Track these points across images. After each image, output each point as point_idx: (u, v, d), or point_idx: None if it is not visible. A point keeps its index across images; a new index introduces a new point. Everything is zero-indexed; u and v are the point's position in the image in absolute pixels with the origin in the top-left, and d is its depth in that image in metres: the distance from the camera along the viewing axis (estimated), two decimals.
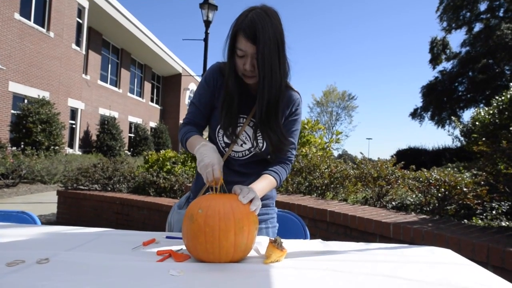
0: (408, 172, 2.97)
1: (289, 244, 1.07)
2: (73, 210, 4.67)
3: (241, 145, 1.26)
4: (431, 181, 2.53)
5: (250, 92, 1.24)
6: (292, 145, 1.31)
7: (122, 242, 1.12)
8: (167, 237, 1.19)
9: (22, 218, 1.56)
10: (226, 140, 1.25)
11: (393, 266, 0.94)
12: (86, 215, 4.57)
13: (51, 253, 0.95)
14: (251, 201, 0.97)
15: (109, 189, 4.87)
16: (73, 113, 14.55)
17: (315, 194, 3.67)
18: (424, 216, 2.26)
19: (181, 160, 5.56)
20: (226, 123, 1.18)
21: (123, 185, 4.88)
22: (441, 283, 0.82)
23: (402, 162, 3.18)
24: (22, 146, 9.32)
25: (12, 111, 10.70)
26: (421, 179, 2.63)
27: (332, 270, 0.89)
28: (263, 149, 1.25)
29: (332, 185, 3.57)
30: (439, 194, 2.53)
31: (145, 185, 4.67)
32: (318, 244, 1.19)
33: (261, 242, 1.10)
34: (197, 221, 0.90)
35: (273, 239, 0.99)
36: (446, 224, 1.99)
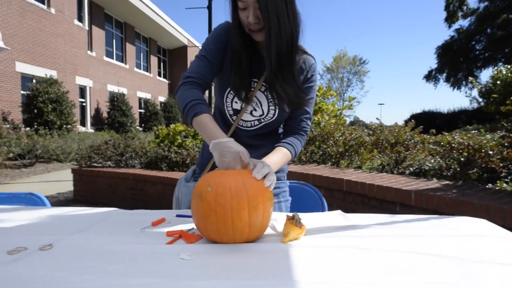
0: (428, 136, 2.82)
1: (306, 219, 0.99)
2: (88, 188, 4.72)
3: (251, 113, 1.15)
4: (453, 145, 2.39)
5: (261, 55, 1.12)
6: (307, 114, 1.20)
7: (131, 223, 1.06)
8: (178, 216, 1.12)
9: (30, 200, 1.52)
10: (235, 106, 1.14)
11: (424, 241, 0.85)
12: (102, 191, 4.62)
13: (55, 238, 0.90)
14: (265, 176, 0.88)
15: (122, 165, 4.88)
16: (82, 91, 14.55)
17: (329, 163, 3.57)
18: (447, 182, 2.15)
19: (192, 134, 5.50)
20: (237, 83, 1.07)
21: (136, 161, 4.88)
22: (483, 260, 0.72)
23: (421, 127, 3.03)
24: (35, 126, 9.42)
25: (22, 92, 10.73)
26: (442, 143, 2.49)
27: (357, 247, 0.81)
28: (275, 117, 1.15)
29: (347, 153, 3.46)
30: (462, 159, 2.40)
31: (157, 160, 4.65)
32: (338, 217, 1.10)
33: (277, 219, 1.02)
34: (207, 199, 0.82)
35: (291, 215, 0.91)
36: (472, 190, 1.88)
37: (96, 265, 0.73)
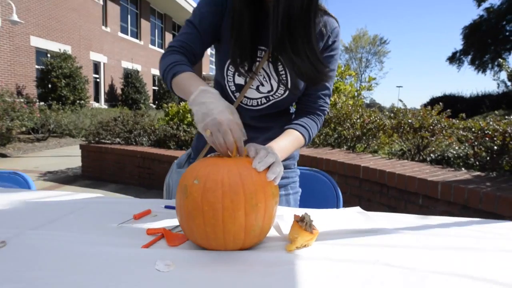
0: (458, 121, 2.55)
1: (318, 218, 0.80)
2: (96, 164, 4.66)
3: (257, 89, 0.95)
4: (487, 131, 2.13)
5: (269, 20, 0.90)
6: (326, 90, 1.00)
7: (111, 213, 0.90)
8: (166, 207, 0.96)
9: (14, 180, 1.39)
10: (238, 81, 0.94)
11: (475, 257, 0.65)
12: (109, 168, 4.55)
13: (13, 232, 0.75)
14: (268, 167, 0.69)
15: (131, 142, 4.78)
16: (96, 67, 14.49)
17: (344, 147, 3.35)
18: (478, 173, 1.92)
19: None
20: (237, 53, 0.86)
21: (144, 139, 4.76)
22: None
23: (448, 110, 2.75)
24: (49, 101, 9.43)
25: (37, 66, 10.72)
26: (473, 129, 2.24)
27: (385, 264, 0.62)
28: (286, 94, 0.94)
29: (365, 137, 3.22)
30: (495, 147, 2.14)
31: (165, 138, 4.52)
32: (357, 216, 0.91)
33: (283, 216, 0.84)
34: (192, 195, 0.64)
35: (300, 216, 0.72)
36: (509, 184, 1.65)
37: (43, 275, 0.57)
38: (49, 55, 11.06)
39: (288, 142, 0.92)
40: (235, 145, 0.70)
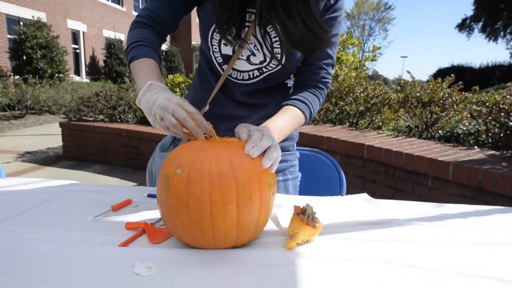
0: (471, 94, 2.48)
1: (319, 206, 0.75)
2: (79, 143, 4.57)
3: (248, 59, 0.87)
4: (502, 105, 2.07)
5: None
6: (329, 59, 0.92)
7: (86, 204, 0.85)
8: (149, 196, 0.90)
9: None
10: (225, 51, 0.86)
11: (504, 255, 0.61)
12: (93, 148, 4.46)
13: None
14: (264, 152, 0.63)
15: (116, 120, 4.67)
16: (75, 36, 14.04)
17: (347, 123, 3.29)
18: (492, 152, 1.88)
19: (192, 81, 5.20)
20: (223, 16, 0.77)
21: (129, 116, 4.65)
22: None
23: (460, 82, 2.68)
24: (24, 75, 9.16)
25: (8, 36, 10.34)
26: (488, 103, 2.18)
27: (399, 263, 0.57)
28: (281, 64, 0.86)
29: (369, 113, 3.16)
30: (510, 122, 2.10)
31: None
32: (364, 205, 0.86)
33: (282, 205, 0.79)
34: (175, 187, 0.58)
35: (301, 208, 0.67)
36: None
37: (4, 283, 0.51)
38: (21, 23, 10.64)
39: (287, 120, 0.85)
40: (195, 123, 0.66)
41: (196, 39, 23.12)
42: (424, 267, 0.56)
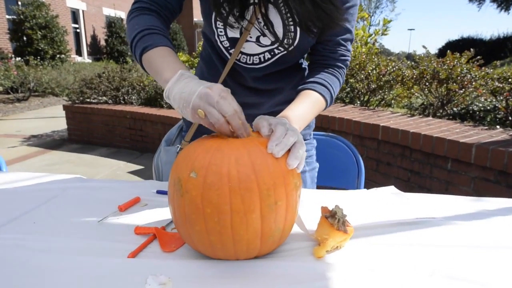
0: (492, 70, 2.35)
1: (343, 202, 0.67)
2: (83, 126, 4.51)
3: (258, 41, 0.77)
4: None
5: None
6: (347, 34, 0.82)
7: (90, 203, 0.78)
8: (158, 192, 0.83)
9: None
10: (231, 34, 0.77)
11: None
12: (98, 131, 4.41)
13: None
14: (289, 150, 0.55)
15: (120, 101, 4.59)
16: (75, 15, 13.75)
17: (358, 102, 3.18)
18: None
19: (196, 65, 5.07)
20: None
21: (133, 97, 4.56)
22: None
23: (479, 57, 2.54)
24: (26, 56, 9.03)
25: (7, 17, 10.14)
26: (510, 79, 2.05)
27: (445, 276, 0.50)
28: (295, 44, 0.77)
29: (381, 91, 3.04)
30: None
31: (157, 96, 4.33)
32: (393, 200, 0.79)
33: (302, 202, 0.72)
34: (189, 194, 0.50)
35: (331, 211, 0.59)
36: None
37: None
38: (19, 2, 10.40)
39: (307, 107, 0.76)
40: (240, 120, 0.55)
41: (198, 16, 22.58)
42: (476, 281, 0.49)
